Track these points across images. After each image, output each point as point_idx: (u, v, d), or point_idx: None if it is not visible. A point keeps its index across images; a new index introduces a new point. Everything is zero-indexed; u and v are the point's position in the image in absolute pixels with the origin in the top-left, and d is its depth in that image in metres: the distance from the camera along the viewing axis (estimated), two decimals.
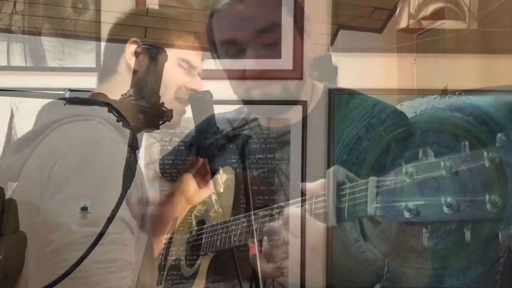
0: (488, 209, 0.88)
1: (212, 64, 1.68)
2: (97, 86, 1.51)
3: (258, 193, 1.32)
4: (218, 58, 1.39)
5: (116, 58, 1.49)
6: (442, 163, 0.92)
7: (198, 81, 1.51)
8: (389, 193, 0.98)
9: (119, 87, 1.38)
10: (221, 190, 1.33)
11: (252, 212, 1.22)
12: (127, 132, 1.39)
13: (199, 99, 1.35)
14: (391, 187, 0.98)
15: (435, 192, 0.93)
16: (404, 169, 0.96)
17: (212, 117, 1.34)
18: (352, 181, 1.06)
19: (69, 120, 1.41)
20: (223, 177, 1.38)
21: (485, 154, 0.90)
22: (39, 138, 1.42)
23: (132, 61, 1.43)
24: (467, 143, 0.93)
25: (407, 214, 0.94)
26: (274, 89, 1.33)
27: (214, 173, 1.35)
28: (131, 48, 1.47)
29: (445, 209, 0.91)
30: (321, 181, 1.15)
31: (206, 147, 1.33)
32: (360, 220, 1.08)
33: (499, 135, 0.91)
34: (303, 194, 1.18)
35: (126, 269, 1.34)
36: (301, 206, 1.15)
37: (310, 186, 1.17)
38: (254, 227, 1.21)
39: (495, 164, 0.89)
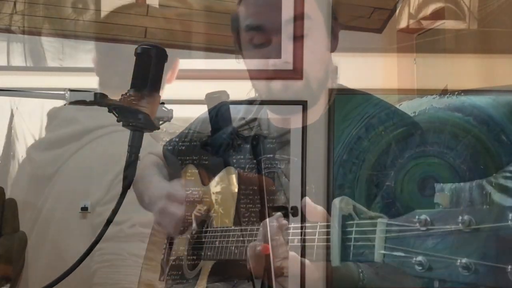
0: (510, 278, 0.78)
1: (214, 64, 1.69)
2: None
3: (258, 193, 1.32)
4: (241, 49, 1.37)
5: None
6: (460, 217, 0.82)
7: None
8: (399, 240, 0.89)
9: None
10: (235, 190, 1.32)
11: (267, 221, 1.20)
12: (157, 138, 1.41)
13: (216, 99, 1.35)
14: (402, 234, 0.89)
15: (449, 247, 0.83)
16: (417, 216, 0.87)
17: (228, 117, 1.33)
18: (360, 214, 0.97)
19: (111, 129, 1.44)
20: (215, 180, 1.38)
21: (511, 214, 0.79)
22: (83, 140, 1.45)
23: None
24: (491, 193, 0.85)
25: (418, 268, 0.85)
26: (294, 84, 1.32)
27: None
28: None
29: (461, 270, 0.81)
30: (322, 210, 1.10)
31: (222, 147, 1.33)
32: None
33: None
34: (302, 213, 1.15)
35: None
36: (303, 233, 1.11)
37: (312, 209, 1.13)
38: (268, 229, 1.19)
39: None
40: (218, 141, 1.37)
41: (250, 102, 1.40)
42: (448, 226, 0.84)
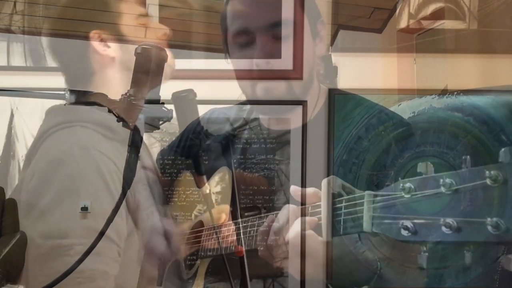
0: (489, 232, 0.83)
1: (206, 64, 1.68)
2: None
3: (258, 193, 1.32)
4: (228, 48, 1.38)
5: (86, 58, 1.49)
6: (442, 180, 0.88)
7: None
8: (385, 209, 0.94)
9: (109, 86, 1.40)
10: (207, 192, 1.32)
11: (239, 220, 1.22)
12: (122, 131, 1.40)
13: (183, 98, 1.33)
14: (388, 203, 0.94)
15: (433, 210, 0.88)
16: (401, 185, 0.92)
17: (196, 116, 1.33)
18: (349, 193, 1.02)
19: (54, 129, 1.42)
20: (215, 179, 1.37)
21: (487, 172, 0.84)
22: (34, 151, 1.44)
23: (105, 51, 1.44)
24: (469, 158, 0.88)
25: (404, 233, 0.90)
26: (277, 86, 1.33)
27: (200, 174, 1.34)
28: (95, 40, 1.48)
29: (444, 229, 0.86)
30: (313, 190, 1.13)
31: (191, 148, 1.32)
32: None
33: (502, 150, 0.85)
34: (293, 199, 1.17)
35: (98, 279, 1.33)
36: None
37: (298, 192, 1.15)
38: (241, 231, 1.21)
39: (498, 182, 0.83)
40: (186, 142, 1.37)
41: (247, 102, 1.40)
42: (431, 190, 0.89)
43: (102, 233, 1.12)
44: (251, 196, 1.32)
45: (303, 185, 1.29)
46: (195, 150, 1.31)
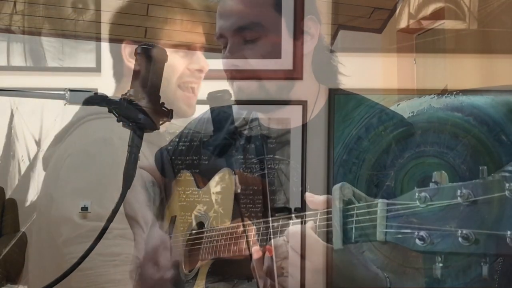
0: (509, 245, 0.81)
1: (214, 64, 1.68)
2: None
3: (258, 193, 1.32)
4: None
5: (121, 61, 1.53)
6: (459, 191, 0.86)
7: (202, 59, 1.51)
8: (399, 218, 0.92)
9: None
10: (238, 191, 1.32)
11: (270, 219, 1.21)
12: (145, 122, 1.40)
13: (218, 98, 1.35)
14: (402, 213, 0.92)
15: (450, 221, 0.86)
16: (417, 194, 0.90)
17: (231, 116, 1.34)
18: (360, 200, 1.00)
19: (90, 118, 1.46)
20: (215, 180, 1.38)
21: (507, 184, 0.82)
22: (66, 135, 1.46)
23: (130, 63, 1.46)
24: (486, 168, 0.86)
25: (419, 243, 0.88)
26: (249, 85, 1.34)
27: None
28: (126, 49, 1.50)
29: (461, 241, 0.84)
30: (325, 197, 1.12)
31: (224, 147, 1.33)
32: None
33: None
34: (304, 204, 1.16)
35: (130, 264, 1.35)
36: (304, 222, 1.12)
37: (313, 199, 1.15)
38: (271, 231, 1.20)
39: None
40: (220, 142, 1.37)
41: (248, 102, 1.40)
42: (448, 201, 0.86)
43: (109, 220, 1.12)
44: (251, 196, 1.32)
45: (303, 185, 1.29)
46: (230, 150, 1.32)
